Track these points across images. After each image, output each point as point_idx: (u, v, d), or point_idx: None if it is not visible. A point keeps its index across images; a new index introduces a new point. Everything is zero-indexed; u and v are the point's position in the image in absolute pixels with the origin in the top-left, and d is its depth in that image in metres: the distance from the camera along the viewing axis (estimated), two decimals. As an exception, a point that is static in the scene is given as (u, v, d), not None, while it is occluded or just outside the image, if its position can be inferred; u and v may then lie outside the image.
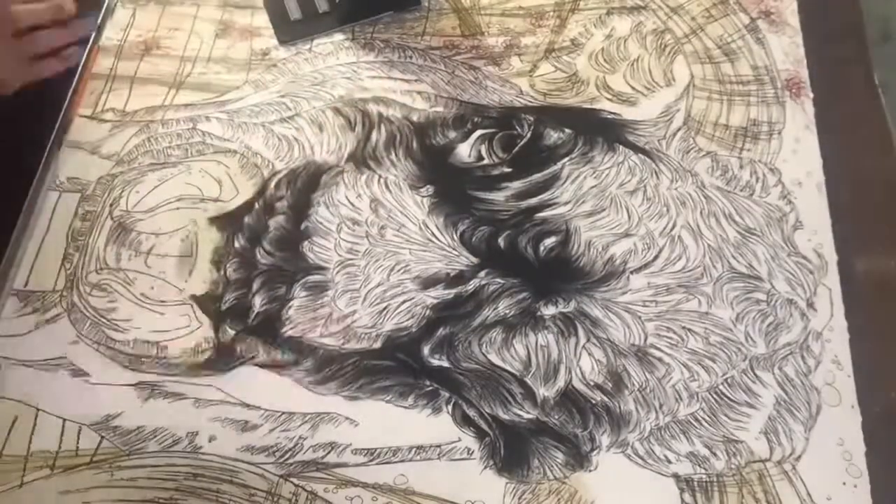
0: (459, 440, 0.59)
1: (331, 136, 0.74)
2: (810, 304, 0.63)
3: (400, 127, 0.74)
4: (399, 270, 0.66)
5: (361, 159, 0.72)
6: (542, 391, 0.61)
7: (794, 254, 0.65)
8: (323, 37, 0.81)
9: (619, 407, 0.60)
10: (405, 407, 0.61)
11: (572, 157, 0.71)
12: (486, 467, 0.58)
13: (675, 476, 0.57)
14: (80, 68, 0.79)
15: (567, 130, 0.73)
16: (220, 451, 0.60)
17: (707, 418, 0.59)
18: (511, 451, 0.59)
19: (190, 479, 0.59)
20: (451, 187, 0.70)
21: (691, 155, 0.71)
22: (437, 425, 0.60)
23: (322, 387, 0.62)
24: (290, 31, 0.81)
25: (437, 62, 0.78)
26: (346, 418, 0.61)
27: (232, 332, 0.65)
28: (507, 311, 0.64)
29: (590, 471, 0.58)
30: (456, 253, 0.67)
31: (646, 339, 0.62)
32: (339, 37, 0.80)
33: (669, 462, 0.58)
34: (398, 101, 0.75)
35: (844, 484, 0.56)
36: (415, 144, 0.73)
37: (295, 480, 0.58)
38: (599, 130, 0.73)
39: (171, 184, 0.72)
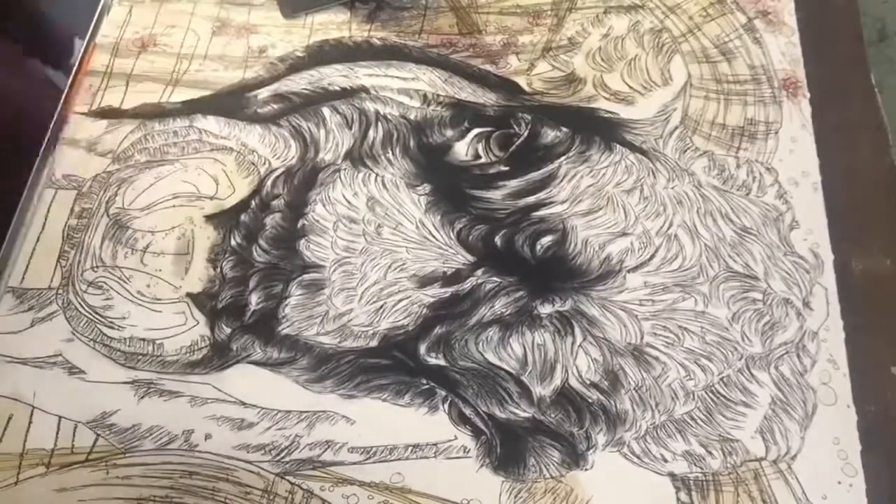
0: (456, 438, 0.59)
1: (328, 133, 0.74)
2: (806, 304, 0.63)
3: (397, 125, 0.74)
4: (396, 269, 0.66)
5: (358, 157, 0.72)
6: (539, 390, 0.61)
7: (790, 253, 0.65)
8: (325, 11, 0.81)
9: (616, 406, 0.60)
10: (402, 405, 0.61)
11: (569, 155, 0.71)
12: (482, 466, 0.58)
13: (671, 475, 0.57)
14: (76, 65, 0.79)
15: (564, 129, 0.73)
16: (215, 449, 0.60)
17: (703, 417, 0.59)
18: (507, 449, 0.59)
19: (185, 477, 0.58)
20: (448, 186, 0.70)
21: (688, 154, 0.71)
22: (433, 424, 0.60)
23: (318, 385, 0.62)
24: (293, 3, 0.81)
25: (435, 60, 0.78)
26: (343, 416, 0.61)
27: (228, 330, 0.64)
28: (504, 310, 0.64)
29: (586, 469, 0.58)
30: (453, 251, 0.67)
31: (642, 338, 0.62)
32: (340, 15, 0.81)
33: (665, 461, 0.58)
34: (395, 99, 0.75)
35: (840, 483, 0.56)
36: (412, 143, 0.73)
37: (291, 479, 0.58)
38: (596, 129, 0.73)
39: (168, 181, 0.72)
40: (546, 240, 0.67)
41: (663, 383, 0.60)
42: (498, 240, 0.67)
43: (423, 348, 0.63)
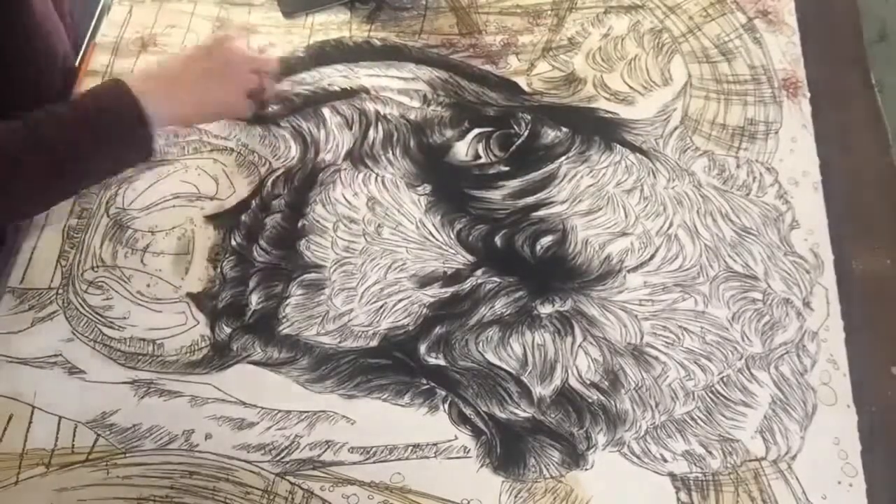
0: (456, 438, 0.59)
1: (328, 134, 0.74)
2: (806, 304, 0.63)
3: (397, 125, 0.74)
4: (396, 269, 0.66)
5: (359, 157, 0.72)
6: (539, 390, 0.61)
7: (790, 253, 0.65)
8: (325, 11, 0.81)
9: (616, 406, 0.60)
10: (402, 405, 0.61)
11: (569, 155, 0.71)
12: (482, 466, 0.58)
13: (671, 475, 0.57)
14: (76, 65, 0.79)
15: (564, 129, 0.73)
16: (215, 448, 0.60)
17: (703, 417, 0.59)
18: (507, 449, 0.59)
19: (186, 477, 0.58)
20: (448, 186, 0.70)
21: (688, 154, 0.71)
22: (433, 424, 0.60)
23: (318, 385, 0.62)
24: (294, 4, 0.81)
25: (435, 61, 0.78)
26: (343, 416, 0.61)
27: (228, 330, 0.64)
28: (504, 310, 0.64)
29: (586, 469, 0.58)
30: (453, 251, 0.67)
31: (642, 338, 0.62)
32: (341, 15, 0.81)
33: (665, 461, 0.58)
34: (395, 99, 0.75)
35: (840, 483, 0.56)
36: (412, 143, 0.73)
37: (291, 478, 0.58)
38: (596, 129, 0.73)
39: (168, 181, 0.72)
40: (546, 240, 0.67)
41: (663, 383, 0.60)
42: (498, 240, 0.67)
43: (423, 348, 0.63)
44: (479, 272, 0.66)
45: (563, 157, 0.71)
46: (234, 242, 0.68)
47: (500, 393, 0.61)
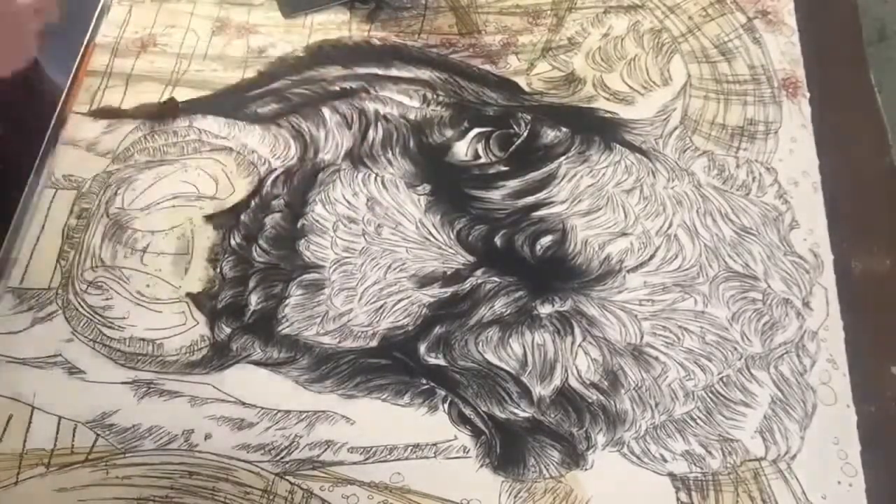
0: (455, 438, 0.59)
1: (328, 133, 0.74)
2: (806, 304, 0.63)
3: (397, 125, 0.74)
4: (395, 269, 0.66)
5: (358, 157, 0.72)
6: (539, 390, 0.61)
7: (790, 253, 0.65)
8: (324, 11, 0.81)
9: (615, 406, 0.60)
10: (401, 405, 0.61)
11: (569, 155, 0.71)
12: (482, 465, 0.58)
13: (671, 475, 0.57)
14: (76, 65, 0.79)
15: (564, 129, 0.73)
16: (215, 448, 0.60)
17: (703, 417, 0.59)
18: (507, 449, 0.59)
19: (185, 477, 0.58)
20: (447, 186, 0.70)
21: (688, 154, 0.71)
22: (433, 424, 0.60)
23: (318, 385, 0.62)
24: (293, 3, 0.81)
25: (434, 60, 0.78)
26: (343, 416, 0.61)
27: (228, 330, 0.64)
28: (504, 310, 0.64)
29: (585, 469, 0.58)
30: (452, 251, 0.67)
31: (642, 338, 0.62)
32: (340, 15, 0.81)
33: (665, 461, 0.58)
34: (395, 99, 0.75)
35: (839, 483, 0.56)
36: (411, 143, 0.73)
37: (291, 478, 0.58)
38: (596, 129, 0.73)
39: (167, 181, 0.72)
40: (546, 240, 0.67)
41: (663, 383, 0.60)
42: (498, 240, 0.67)
43: (422, 348, 0.63)
44: (478, 272, 0.66)
45: (563, 157, 0.71)
46: (233, 242, 0.68)
47: (499, 393, 0.61)
